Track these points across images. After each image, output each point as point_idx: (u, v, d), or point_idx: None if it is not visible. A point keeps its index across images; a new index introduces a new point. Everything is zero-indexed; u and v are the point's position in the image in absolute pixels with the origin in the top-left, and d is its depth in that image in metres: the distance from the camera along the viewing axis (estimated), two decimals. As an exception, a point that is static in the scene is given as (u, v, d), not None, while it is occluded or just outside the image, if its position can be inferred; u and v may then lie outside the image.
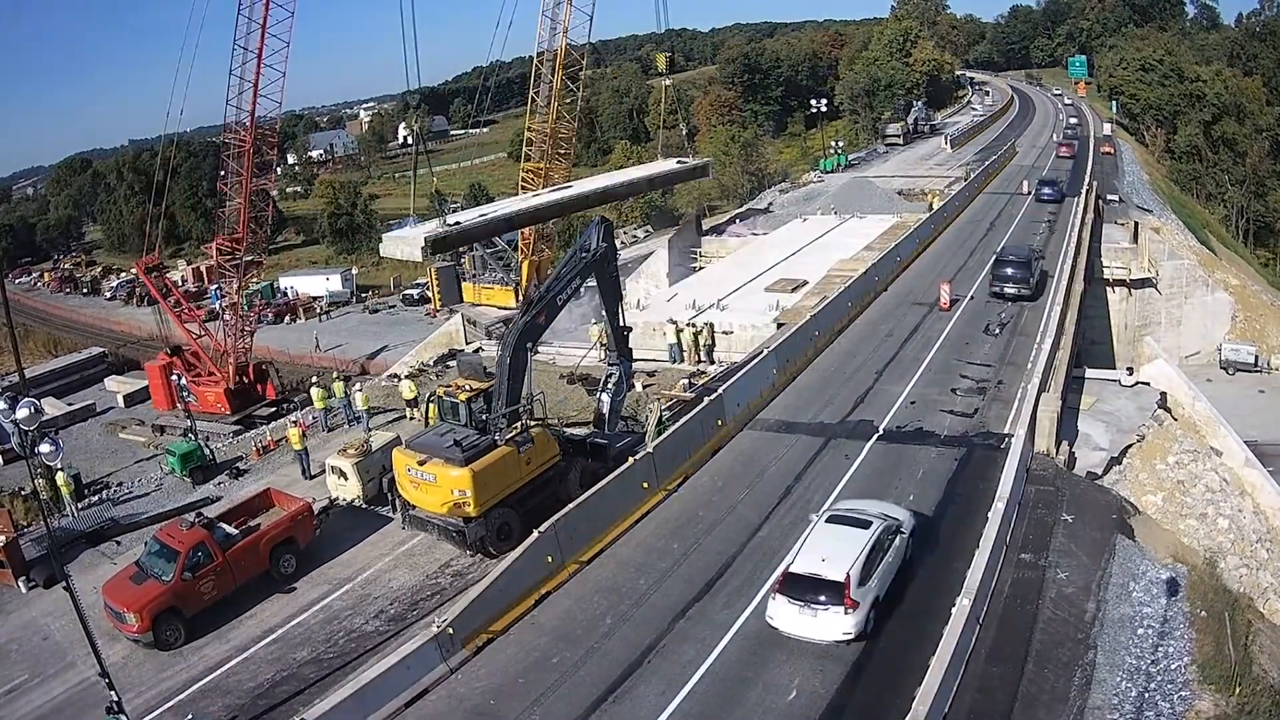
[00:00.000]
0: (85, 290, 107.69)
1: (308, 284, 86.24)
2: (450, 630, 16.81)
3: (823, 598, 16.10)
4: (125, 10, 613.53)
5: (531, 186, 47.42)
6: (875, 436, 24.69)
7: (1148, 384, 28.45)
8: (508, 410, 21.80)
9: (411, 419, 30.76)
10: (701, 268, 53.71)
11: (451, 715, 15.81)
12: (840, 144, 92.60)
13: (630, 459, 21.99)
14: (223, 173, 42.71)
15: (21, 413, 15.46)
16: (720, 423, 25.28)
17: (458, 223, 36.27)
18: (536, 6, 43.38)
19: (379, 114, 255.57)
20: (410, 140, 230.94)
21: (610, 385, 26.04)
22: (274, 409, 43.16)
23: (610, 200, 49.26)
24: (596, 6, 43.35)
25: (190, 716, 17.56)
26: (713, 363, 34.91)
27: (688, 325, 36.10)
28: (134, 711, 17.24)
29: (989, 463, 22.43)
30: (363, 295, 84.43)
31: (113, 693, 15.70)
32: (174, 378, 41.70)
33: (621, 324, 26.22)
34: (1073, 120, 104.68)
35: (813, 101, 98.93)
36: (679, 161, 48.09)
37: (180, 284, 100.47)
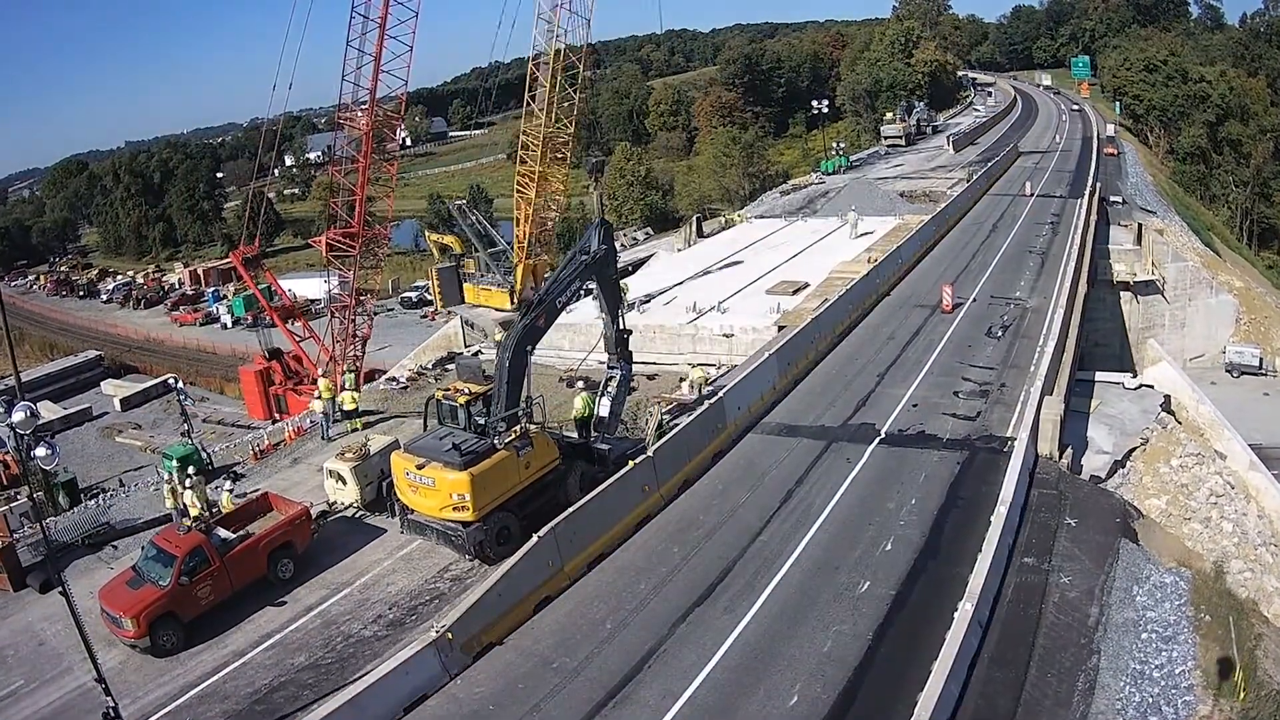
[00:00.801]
0: (82, 293, 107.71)
1: (305, 286, 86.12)
2: (449, 635, 16.71)
3: None
4: (122, 10, 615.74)
5: (526, 191, 47.04)
6: (877, 440, 24.58)
7: (1151, 387, 28.33)
8: (506, 414, 21.68)
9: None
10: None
11: (450, 721, 15.70)
12: (842, 145, 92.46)
13: (631, 462, 21.88)
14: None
15: (17, 416, 15.36)
16: (721, 426, 25.17)
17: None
18: (535, 6, 43.22)
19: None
20: (410, 142, 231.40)
21: (610, 388, 25.91)
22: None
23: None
24: (596, 8, 43.17)
25: None
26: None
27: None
28: (130, 717, 17.10)
29: (992, 466, 22.32)
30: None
31: (109, 698, 15.57)
32: (172, 380, 40.70)
33: (622, 327, 26.12)
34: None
35: (814, 103, 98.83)
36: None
37: (178, 286, 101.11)
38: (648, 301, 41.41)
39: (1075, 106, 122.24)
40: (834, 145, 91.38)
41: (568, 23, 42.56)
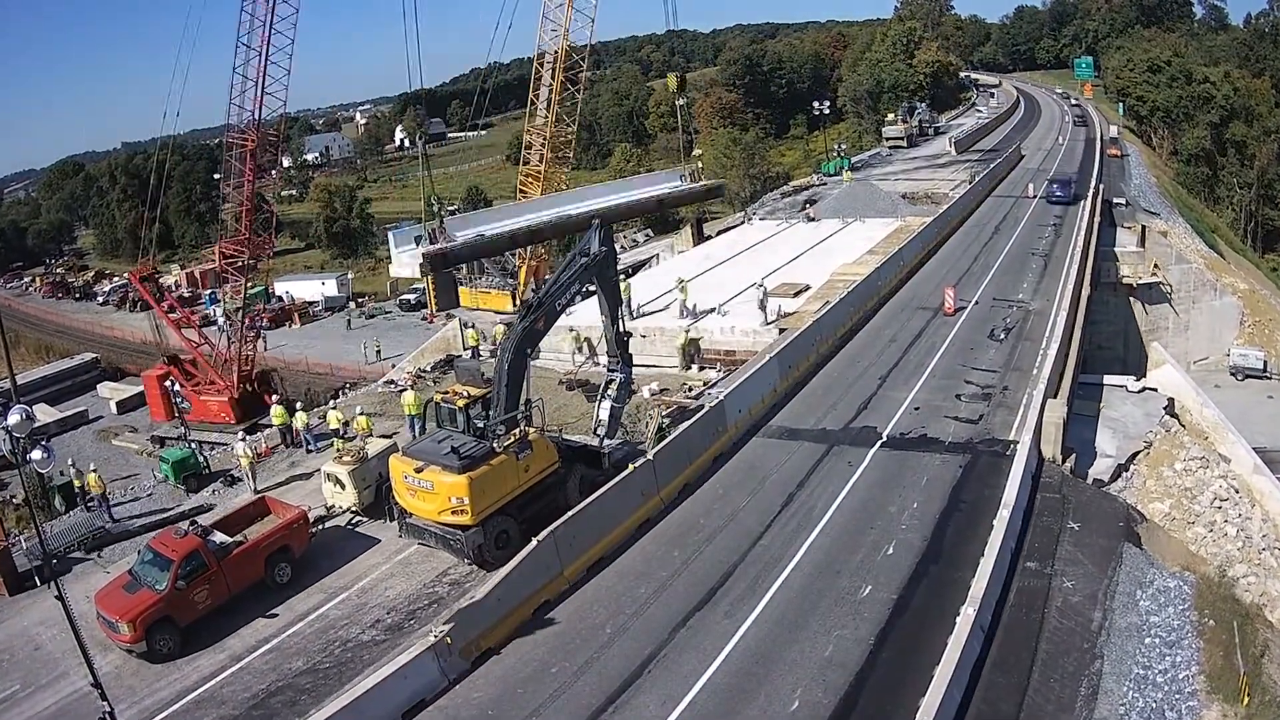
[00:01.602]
0: (78, 295, 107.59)
1: (303, 288, 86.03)
2: (448, 640, 16.60)
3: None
4: (120, 11, 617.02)
5: (530, 191, 47.37)
6: (879, 443, 24.44)
7: (1155, 390, 28.19)
8: (505, 417, 21.56)
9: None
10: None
11: (448, 727, 15.59)
12: (843, 146, 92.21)
13: (630, 466, 21.76)
14: (219, 175, 42.25)
15: (13, 419, 15.27)
16: (721, 429, 25.03)
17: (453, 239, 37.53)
18: (536, 7, 43.35)
19: (375, 116, 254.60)
20: (409, 143, 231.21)
21: (610, 391, 25.82)
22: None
23: (615, 219, 49.58)
24: (598, 8, 43.49)
25: None
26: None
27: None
28: (127, 722, 17.04)
29: (994, 470, 22.20)
30: (359, 300, 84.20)
31: (105, 703, 15.49)
32: (169, 384, 40.79)
33: (622, 329, 26.04)
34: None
35: (815, 104, 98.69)
36: (683, 176, 50.17)
37: (175, 289, 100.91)
38: (648, 304, 41.26)
39: (1078, 114, 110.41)
40: (835, 147, 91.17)
41: (570, 21, 43.27)
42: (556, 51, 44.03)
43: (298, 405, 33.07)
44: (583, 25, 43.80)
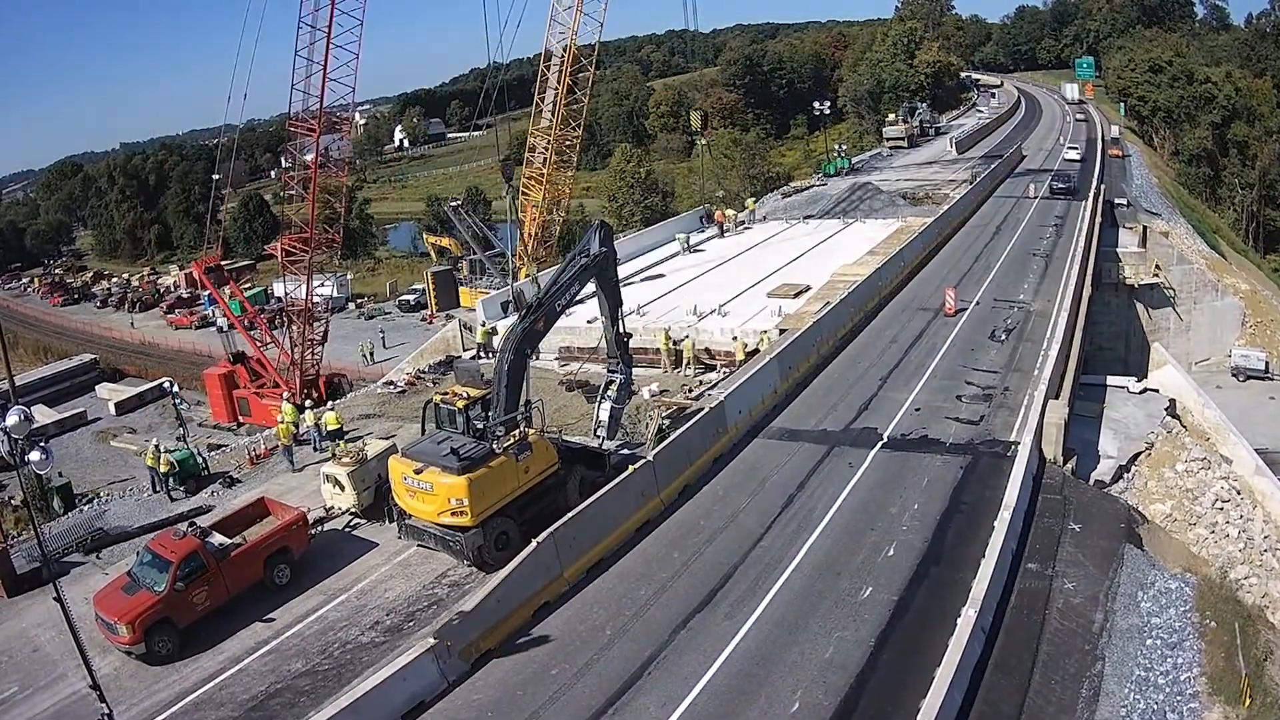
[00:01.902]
0: (76, 296, 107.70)
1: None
2: (447, 642, 16.57)
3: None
4: (118, 12, 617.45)
5: (531, 193, 47.19)
6: (879, 444, 24.40)
7: (1157, 391, 28.16)
8: (505, 418, 21.51)
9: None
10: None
11: (448, 729, 15.54)
12: (844, 147, 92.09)
13: (630, 467, 21.70)
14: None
15: (11, 420, 15.22)
16: (721, 430, 24.98)
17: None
18: (537, 7, 43.19)
19: (374, 117, 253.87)
20: (408, 144, 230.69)
21: (610, 392, 25.78)
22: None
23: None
24: (606, 10, 43.40)
25: None
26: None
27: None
28: (125, 725, 16.98)
29: (995, 471, 22.16)
30: (359, 301, 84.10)
31: (104, 705, 15.44)
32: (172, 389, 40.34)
33: (622, 330, 25.99)
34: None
35: (815, 104, 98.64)
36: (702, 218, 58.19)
37: (173, 289, 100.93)
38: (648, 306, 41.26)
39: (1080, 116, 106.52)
40: (836, 147, 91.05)
41: (579, 24, 43.07)
42: (563, 55, 43.83)
43: (306, 404, 32.93)
44: (591, 30, 43.65)
